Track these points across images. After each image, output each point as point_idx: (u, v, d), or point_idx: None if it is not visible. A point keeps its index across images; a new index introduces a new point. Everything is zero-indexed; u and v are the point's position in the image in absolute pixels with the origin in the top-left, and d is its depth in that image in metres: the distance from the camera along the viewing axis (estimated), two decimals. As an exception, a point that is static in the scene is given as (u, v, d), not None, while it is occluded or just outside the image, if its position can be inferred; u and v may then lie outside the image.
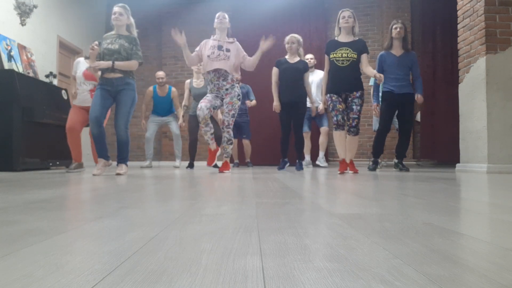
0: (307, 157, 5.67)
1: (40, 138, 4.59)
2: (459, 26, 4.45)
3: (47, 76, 5.36)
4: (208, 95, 3.91)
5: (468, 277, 0.54)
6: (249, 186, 2.11)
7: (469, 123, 4.21)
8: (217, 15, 3.95)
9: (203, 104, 3.77)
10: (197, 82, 5.21)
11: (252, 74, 6.07)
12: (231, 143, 3.93)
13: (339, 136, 3.76)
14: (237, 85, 3.94)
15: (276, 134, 6.48)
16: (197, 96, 5.14)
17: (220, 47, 3.85)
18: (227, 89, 3.87)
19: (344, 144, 3.80)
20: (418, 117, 6.73)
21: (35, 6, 5.33)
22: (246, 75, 6.04)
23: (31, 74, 5.01)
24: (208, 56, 3.82)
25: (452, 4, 4.83)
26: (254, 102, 5.67)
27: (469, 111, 4.21)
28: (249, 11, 7.19)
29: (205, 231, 0.86)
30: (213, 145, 3.95)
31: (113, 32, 3.62)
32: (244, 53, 3.96)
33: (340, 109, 3.71)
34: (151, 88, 5.75)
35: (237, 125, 5.68)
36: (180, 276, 0.54)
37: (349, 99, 3.74)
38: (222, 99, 3.92)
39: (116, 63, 3.41)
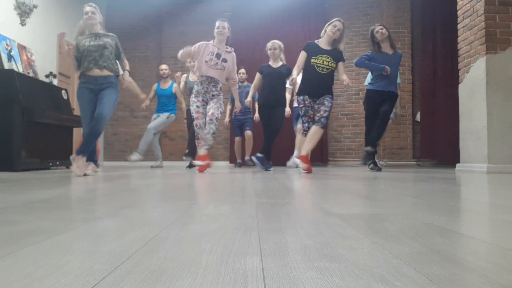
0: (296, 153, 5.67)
1: (40, 138, 4.59)
2: (459, 26, 4.45)
3: (47, 76, 5.36)
4: (195, 101, 3.98)
5: (468, 277, 0.54)
6: (249, 186, 2.11)
7: (469, 123, 4.21)
8: (216, 24, 3.96)
9: (201, 121, 3.92)
10: (193, 77, 5.26)
11: (254, 73, 6.05)
12: (214, 135, 3.92)
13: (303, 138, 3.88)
14: (221, 94, 4.09)
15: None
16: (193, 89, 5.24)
17: (218, 56, 3.94)
18: (213, 95, 4.02)
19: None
20: (418, 117, 6.72)
21: (35, 6, 5.33)
22: (248, 75, 6.02)
23: (31, 74, 5.01)
24: (206, 61, 3.92)
25: (452, 4, 4.82)
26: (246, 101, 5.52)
27: (469, 111, 4.21)
28: (249, 11, 7.19)
29: (205, 231, 0.86)
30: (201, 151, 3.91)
31: (86, 33, 3.55)
32: (235, 69, 4.15)
33: (312, 115, 3.84)
34: (155, 84, 5.86)
35: (240, 123, 5.79)
36: (180, 276, 0.54)
37: (321, 98, 3.85)
38: (206, 103, 4.05)
39: (126, 78, 3.56)
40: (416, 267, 0.59)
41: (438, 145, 6.23)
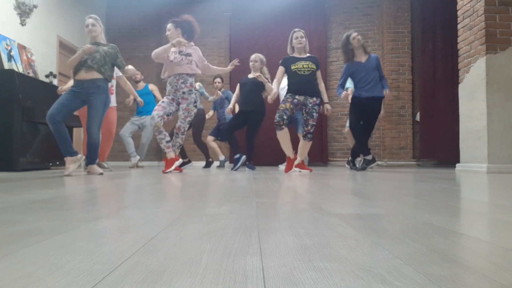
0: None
1: (40, 138, 4.59)
2: (459, 26, 4.45)
3: (47, 76, 5.36)
4: (164, 99, 3.92)
5: (468, 277, 0.54)
6: (249, 186, 2.11)
7: (469, 123, 4.21)
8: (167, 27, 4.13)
9: (155, 113, 3.79)
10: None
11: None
12: (180, 148, 4.05)
13: (283, 135, 3.91)
14: (196, 91, 3.94)
15: (274, 135, 6.40)
16: None
17: (180, 52, 3.91)
18: (184, 93, 3.87)
19: (289, 142, 4.00)
20: (417, 117, 6.72)
21: (35, 6, 5.33)
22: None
23: (31, 74, 5.01)
24: (171, 61, 3.87)
25: (452, 4, 4.82)
26: (211, 113, 5.72)
27: (469, 111, 4.21)
28: (249, 11, 7.18)
29: (205, 231, 0.86)
30: (170, 154, 3.88)
31: (89, 42, 3.67)
32: (204, 60, 4.10)
33: (281, 109, 3.88)
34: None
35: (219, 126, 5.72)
36: (180, 276, 0.54)
37: (310, 105, 3.91)
38: (178, 103, 3.94)
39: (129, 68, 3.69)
40: (416, 267, 0.59)
41: (438, 145, 6.23)
